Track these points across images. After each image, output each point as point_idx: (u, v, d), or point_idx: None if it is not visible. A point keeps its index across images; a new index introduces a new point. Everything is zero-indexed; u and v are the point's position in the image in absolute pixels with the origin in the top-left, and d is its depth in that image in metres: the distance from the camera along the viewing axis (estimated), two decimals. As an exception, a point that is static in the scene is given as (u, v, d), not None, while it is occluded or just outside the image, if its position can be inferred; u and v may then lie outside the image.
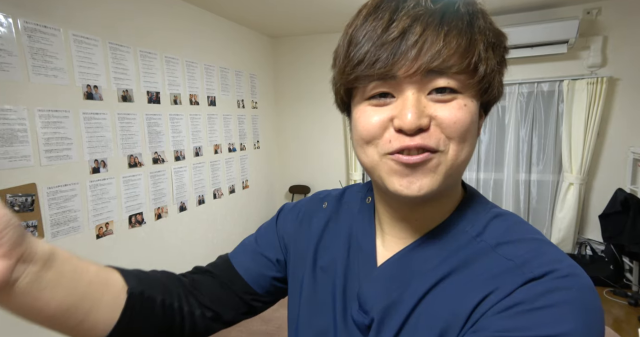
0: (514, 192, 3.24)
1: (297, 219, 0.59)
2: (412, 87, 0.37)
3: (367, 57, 0.37)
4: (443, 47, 0.35)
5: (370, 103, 0.39)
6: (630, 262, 2.79)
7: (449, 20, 0.36)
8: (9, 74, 1.61)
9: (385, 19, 0.36)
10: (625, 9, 2.80)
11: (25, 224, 1.67)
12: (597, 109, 2.86)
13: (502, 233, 0.42)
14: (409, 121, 0.36)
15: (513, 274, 0.37)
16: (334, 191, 0.62)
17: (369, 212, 0.52)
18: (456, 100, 0.37)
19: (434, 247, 0.44)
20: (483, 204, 0.47)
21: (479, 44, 0.37)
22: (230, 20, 3.16)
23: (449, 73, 0.36)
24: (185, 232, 2.69)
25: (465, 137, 0.38)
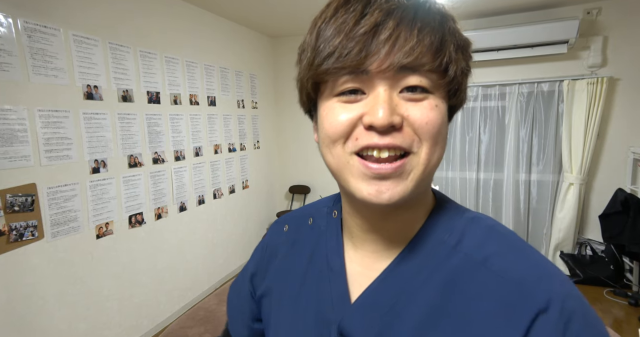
0: (514, 192, 3.24)
1: (263, 258, 0.56)
2: (384, 83, 0.36)
3: (337, 50, 0.35)
4: (416, 44, 0.34)
5: (340, 100, 0.38)
6: (631, 262, 2.79)
7: (422, 17, 0.35)
8: (9, 74, 1.61)
9: (357, 12, 0.35)
10: (625, 9, 2.80)
11: (25, 224, 1.67)
12: (597, 109, 2.86)
13: (481, 241, 0.41)
14: (381, 118, 0.34)
15: (520, 305, 0.35)
16: (297, 210, 0.58)
17: (336, 227, 0.49)
18: (427, 100, 0.37)
19: (414, 265, 0.42)
20: (454, 208, 0.45)
21: (450, 44, 0.36)
22: (230, 20, 3.16)
23: (421, 71, 0.35)
24: (185, 232, 2.69)
25: (437, 139, 0.37)
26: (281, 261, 0.53)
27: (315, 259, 0.49)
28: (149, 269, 2.37)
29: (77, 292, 1.92)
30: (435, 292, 0.39)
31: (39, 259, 1.74)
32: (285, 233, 0.55)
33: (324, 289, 0.46)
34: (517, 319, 0.35)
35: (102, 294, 2.06)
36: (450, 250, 0.41)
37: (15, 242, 1.64)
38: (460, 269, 0.39)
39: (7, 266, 1.62)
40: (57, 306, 1.83)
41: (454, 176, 3.46)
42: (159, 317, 2.47)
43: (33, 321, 1.72)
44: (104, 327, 2.08)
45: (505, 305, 0.36)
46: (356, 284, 0.45)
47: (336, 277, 0.46)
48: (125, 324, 2.21)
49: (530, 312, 0.35)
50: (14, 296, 1.65)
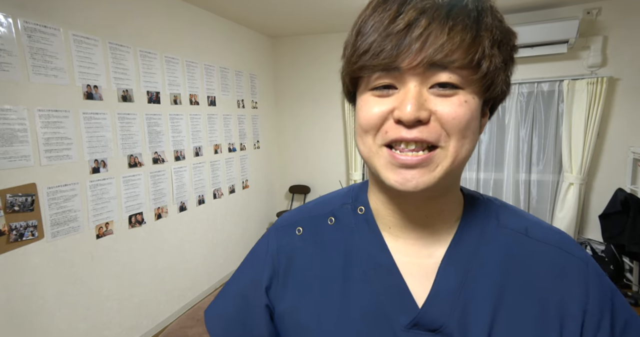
0: (514, 192, 3.24)
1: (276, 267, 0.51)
2: (415, 79, 0.37)
3: (372, 47, 0.37)
4: (447, 41, 0.35)
5: (374, 94, 0.40)
6: (631, 262, 2.79)
7: (456, 15, 0.36)
8: (9, 74, 1.61)
9: (392, 11, 0.37)
10: (625, 9, 2.80)
11: (25, 224, 1.67)
12: (597, 109, 2.86)
13: (514, 217, 0.47)
14: (408, 112, 0.36)
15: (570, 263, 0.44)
16: (304, 211, 0.54)
17: (369, 222, 0.49)
18: (457, 96, 0.37)
19: (471, 245, 0.45)
20: (476, 194, 0.50)
21: (485, 40, 0.37)
22: (230, 20, 3.16)
23: (452, 67, 0.36)
24: (185, 232, 2.69)
25: (465, 133, 0.38)
26: (306, 268, 0.49)
27: (354, 259, 0.47)
28: (149, 269, 2.37)
29: (77, 292, 1.92)
30: (499, 265, 0.44)
31: (39, 259, 1.74)
32: (300, 237, 0.51)
33: (376, 288, 0.45)
34: (575, 276, 0.43)
35: (102, 294, 2.06)
36: (495, 227, 0.46)
37: (15, 242, 1.64)
38: (510, 240, 0.45)
39: (7, 265, 1.62)
40: (57, 306, 1.83)
41: (454, 175, 3.46)
42: (159, 317, 2.47)
43: (33, 321, 1.72)
44: (104, 327, 2.08)
45: (561, 264, 0.44)
46: (408, 275, 0.45)
47: (388, 272, 0.45)
48: (125, 324, 2.21)
49: (582, 270, 0.43)
50: (14, 295, 1.65)
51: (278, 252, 0.51)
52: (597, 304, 0.42)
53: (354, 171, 3.63)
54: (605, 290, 0.43)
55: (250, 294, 0.52)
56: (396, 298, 0.44)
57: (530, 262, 0.44)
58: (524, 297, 0.42)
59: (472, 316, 0.42)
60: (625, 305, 0.44)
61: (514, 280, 0.43)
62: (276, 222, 0.56)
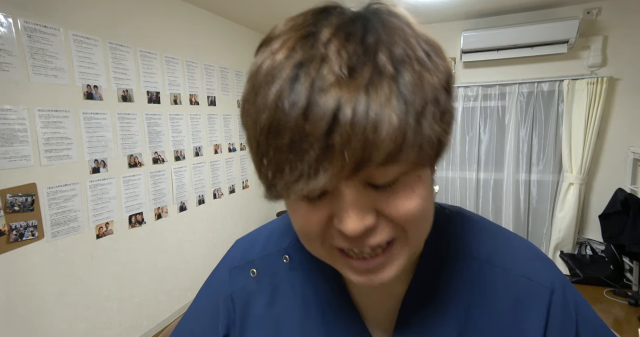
0: (514, 192, 3.24)
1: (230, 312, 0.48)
2: (349, 185, 0.29)
3: (283, 178, 0.29)
4: (372, 152, 0.26)
5: (303, 198, 0.32)
6: (631, 262, 2.79)
7: (377, 111, 0.26)
8: (9, 74, 1.61)
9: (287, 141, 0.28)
10: (625, 9, 2.80)
11: (25, 224, 1.67)
12: (597, 109, 2.86)
13: (477, 239, 0.44)
14: (351, 228, 0.29)
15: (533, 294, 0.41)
16: (249, 248, 0.50)
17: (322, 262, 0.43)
18: (400, 183, 0.30)
19: (432, 279, 0.42)
20: (439, 214, 0.45)
21: (410, 115, 0.26)
22: (230, 20, 3.16)
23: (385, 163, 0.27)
24: (185, 232, 2.69)
25: (422, 219, 0.33)
26: (263, 313, 0.46)
27: (312, 302, 0.44)
28: (149, 269, 2.37)
29: (77, 292, 1.92)
30: (461, 300, 0.42)
31: (39, 259, 1.74)
32: (255, 279, 0.47)
33: (336, 332, 0.43)
34: (535, 306, 0.41)
35: (102, 294, 2.06)
36: (458, 258, 0.43)
37: (15, 242, 1.64)
38: (472, 272, 0.42)
39: (7, 266, 1.62)
40: (57, 306, 1.83)
41: (454, 175, 3.46)
42: (159, 317, 2.47)
43: (33, 321, 1.72)
44: (104, 327, 2.08)
45: (521, 295, 0.41)
46: (370, 318, 0.43)
47: (348, 315, 0.43)
48: (126, 324, 2.21)
49: (544, 298, 0.41)
50: (14, 295, 1.65)
51: (232, 297, 0.48)
52: (557, 332, 0.40)
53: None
54: (568, 318, 0.41)
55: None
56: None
57: (492, 293, 0.41)
58: (486, 330, 0.40)
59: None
60: (593, 323, 0.42)
61: (475, 313, 0.41)
62: (228, 261, 0.51)
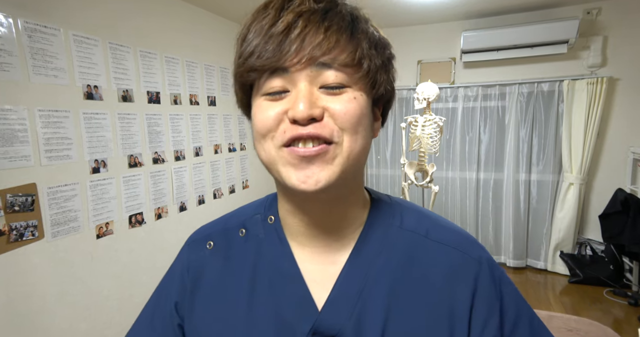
0: (514, 192, 3.24)
1: (185, 283, 0.51)
2: (304, 79, 0.39)
3: (256, 50, 0.39)
4: (323, 40, 0.38)
5: (267, 98, 0.41)
6: (630, 262, 2.79)
7: (331, 18, 0.39)
8: (9, 74, 1.61)
9: (271, 16, 0.39)
10: (625, 9, 2.80)
11: (26, 224, 1.67)
12: (597, 109, 2.86)
13: (416, 219, 0.49)
14: (301, 110, 0.37)
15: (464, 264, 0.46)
16: (215, 224, 0.56)
17: (277, 232, 0.49)
18: (346, 93, 0.40)
19: (373, 248, 0.46)
20: (384, 196, 0.52)
21: (362, 41, 0.40)
22: (230, 20, 3.16)
23: (336, 66, 0.39)
24: (185, 232, 2.68)
25: (357, 129, 0.40)
26: (214, 282, 0.49)
27: (260, 270, 0.48)
28: (149, 269, 2.37)
29: (77, 292, 1.92)
30: (396, 267, 0.45)
31: (39, 259, 1.74)
32: (210, 251, 0.52)
33: (281, 298, 0.46)
34: (465, 275, 0.45)
35: (102, 294, 2.07)
36: (398, 230, 0.48)
37: (16, 242, 1.64)
38: (410, 243, 0.47)
39: (7, 266, 1.62)
40: (58, 306, 1.83)
41: (454, 176, 3.46)
42: (159, 317, 2.47)
43: (34, 321, 1.72)
44: (105, 327, 2.08)
45: (454, 265, 0.46)
46: (313, 283, 0.45)
47: (292, 281, 0.46)
48: (126, 324, 2.21)
49: (473, 269, 0.45)
50: (14, 295, 1.65)
51: (188, 268, 0.52)
52: (483, 303, 0.44)
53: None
54: (494, 290, 0.45)
55: (165, 316, 0.52)
56: (299, 307, 0.45)
57: (426, 263, 0.46)
58: (416, 298, 0.44)
59: (367, 321, 0.43)
60: (515, 305, 0.46)
61: (409, 282, 0.45)
62: (190, 237, 0.57)
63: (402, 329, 0.42)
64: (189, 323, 0.49)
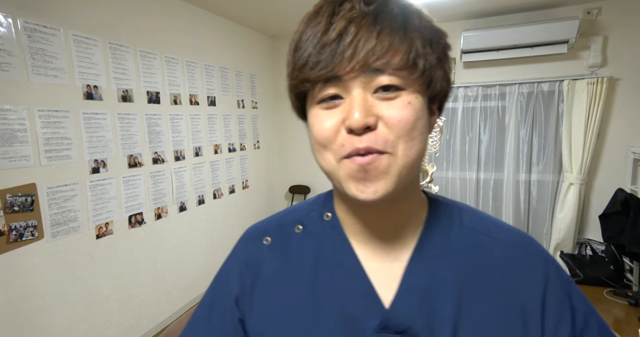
0: (514, 192, 3.24)
1: (245, 277, 0.51)
2: (358, 86, 0.38)
3: (310, 60, 0.39)
4: (376, 44, 0.37)
5: (322, 107, 0.41)
6: (631, 262, 2.79)
7: (382, 20, 0.38)
8: (9, 74, 1.61)
9: (323, 23, 0.39)
10: (625, 9, 2.80)
11: (25, 224, 1.67)
12: (597, 109, 2.86)
13: (476, 219, 0.49)
14: (356, 120, 0.37)
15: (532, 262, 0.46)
16: (271, 220, 0.56)
17: (336, 229, 0.49)
18: (400, 98, 0.39)
19: (435, 246, 0.46)
20: (441, 198, 0.52)
21: (415, 40, 0.38)
22: (230, 20, 3.16)
23: (389, 70, 0.38)
24: (185, 232, 2.69)
25: (412, 134, 0.39)
26: (274, 277, 0.50)
27: (322, 266, 0.48)
28: (149, 269, 2.37)
29: (77, 292, 1.92)
30: (461, 265, 0.45)
31: (39, 259, 1.74)
32: (268, 247, 0.52)
33: (345, 293, 0.46)
34: (534, 274, 0.45)
35: (102, 294, 2.06)
36: (459, 229, 0.48)
37: (15, 242, 1.64)
38: (473, 241, 0.47)
39: (7, 266, 1.62)
40: (57, 306, 1.83)
41: (454, 175, 3.46)
42: (159, 317, 2.47)
43: (33, 321, 1.72)
44: (104, 327, 2.08)
45: (521, 264, 0.46)
46: (376, 280, 0.46)
47: (355, 277, 0.46)
48: (126, 324, 2.21)
49: (542, 267, 0.46)
50: (14, 295, 1.65)
51: (247, 263, 0.52)
52: (556, 301, 0.44)
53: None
54: (564, 288, 0.45)
55: (224, 312, 0.51)
56: (365, 302, 0.45)
57: (492, 261, 0.46)
58: (487, 296, 0.44)
59: (438, 317, 0.43)
60: (584, 304, 0.46)
61: (477, 279, 0.45)
62: (245, 233, 0.56)
63: (476, 327, 0.42)
64: (250, 318, 0.50)
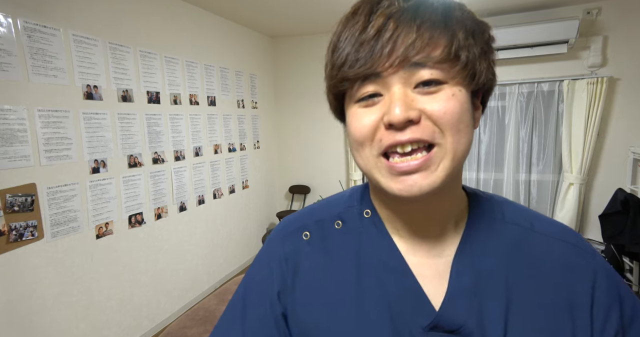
0: (514, 192, 3.24)
1: (285, 272, 0.50)
2: (397, 82, 0.37)
3: (348, 59, 0.38)
4: (417, 38, 0.36)
5: (360, 105, 0.40)
6: (631, 262, 2.79)
7: (422, 14, 0.37)
8: (9, 74, 1.61)
9: (361, 22, 0.38)
10: (625, 9, 2.80)
11: (25, 224, 1.67)
12: (597, 109, 2.86)
13: (517, 213, 0.48)
14: (397, 114, 0.36)
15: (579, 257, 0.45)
16: (309, 215, 0.53)
17: (378, 225, 0.48)
18: (443, 91, 0.37)
19: (479, 242, 0.45)
20: (478, 191, 0.51)
21: (457, 32, 0.37)
22: (230, 20, 3.16)
23: (430, 64, 0.37)
24: (185, 232, 2.69)
25: (459, 127, 0.38)
26: (315, 273, 0.48)
27: (365, 263, 0.47)
28: (149, 269, 2.37)
29: (77, 292, 1.92)
30: (508, 261, 0.44)
31: (39, 259, 1.74)
32: (307, 242, 0.50)
33: (391, 291, 0.45)
34: (582, 268, 0.44)
35: (102, 294, 2.06)
36: (502, 223, 0.46)
37: (15, 242, 1.64)
38: (517, 236, 0.46)
39: (7, 266, 1.62)
40: (57, 306, 1.83)
41: (454, 175, 3.46)
42: (159, 317, 2.47)
43: (33, 321, 1.72)
44: (104, 327, 2.08)
45: (569, 258, 0.44)
46: (421, 276, 0.45)
47: (401, 274, 0.45)
48: (125, 324, 2.21)
49: (589, 262, 0.44)
50: (14, 296, 1.65)
51: (286, 258, 0.50)
52: (604, 295, 0.43)
53: (353, 171, 3.63)
54: (611, 280, 0.44)
55: (263, 308, 0.49)
56: (412, 300, 0.44)
57: (538, 256, 0.44)
58: (535, 291, 0.43)
59: (488, 314, 0.42)
60: (630, 294, 0.45)
61: (524, 275, 0.43)
62: (280, 228, 0.54)
63: (526, 324, 0.42)
64: (294, 312, 0.48)
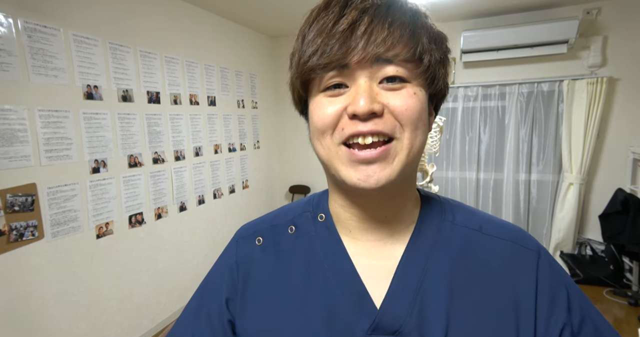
0: (514, 192, 3.24)
1: (236, 279, 0.50)
2: (364, 75, 0.39)
3: (320, 48, 0.39)
4: (388, 35, 0.37)
5: (326, 94, 0.41)
6: (630, 262, 2.79)
7: (393, 13, 0.39)
8: (9, 74, 1.61)
9: (335, 13, 0.39)
10: (625, 9, 2.80)
11: (25, 224, 1.67)
12: (597, 109, 2.86)
13: (468, 215, 0.49)
14: (362, 106, 0.37)
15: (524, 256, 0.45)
16: (263, 221, 0.55)
17: (329, 229, 0.48)
18: (406, 89, 0.39)
19: (427, 243, 0.46)
20: (433, 195, 0.52)
21: (422, 36, 0.40)
22: (230, 20, 3.16)
23: (397, 61, 0.39)
24: (185, 232, 2.69)
25: (417, 124, 0.40)
26: (265, 278, 0.48)
27: (314, 267, 0.47)
28: (149, 269, 2.37)
29: (77, 292, 1.92)
30: (453, 262, 0.45)
31: (39, 259, 1.74)
32: (260, 247, 0.51)
33: (336, 294, 0.45)
34: (526, 267, 0.45)
35: (102, 294, 2.06)
36: (451, 225, 0.47)
37: (15, 242, 1.64)
38: (465, 237, 0.46)
39: (7, 266, 1.62)
40: (57, 306, 1.83)
41: (454, 175, 3.46)
42: (159, 317, 2.47)
43: (33, 321, 1.72)
44: (104, 327, 2.08)
45: (513, 258, 0.45)
46: (368, 278, 0.45)
47: (347, 277, 0.45)
48: (126, 324, 2.21)
49: (533, 260, 0.45)
50: (14, 295, 1.65)
51: (237, 264, 0.51)
52: (547, 289, 0.44)
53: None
54: (554, 270, 0.45)
55: (213, 313, 0.50)
56: (356, 303, 0.44)
57: (484, 257, 0.45)
58: (479, 291, 0.43)
59: (430, 315, 0.42)
60: (576, 287, 0.46)
61: (469, 276, 0.44)
62: (237, 233, 0.55)
63: (468, 323, 0.42)
64: (241, 319, 0.48)
